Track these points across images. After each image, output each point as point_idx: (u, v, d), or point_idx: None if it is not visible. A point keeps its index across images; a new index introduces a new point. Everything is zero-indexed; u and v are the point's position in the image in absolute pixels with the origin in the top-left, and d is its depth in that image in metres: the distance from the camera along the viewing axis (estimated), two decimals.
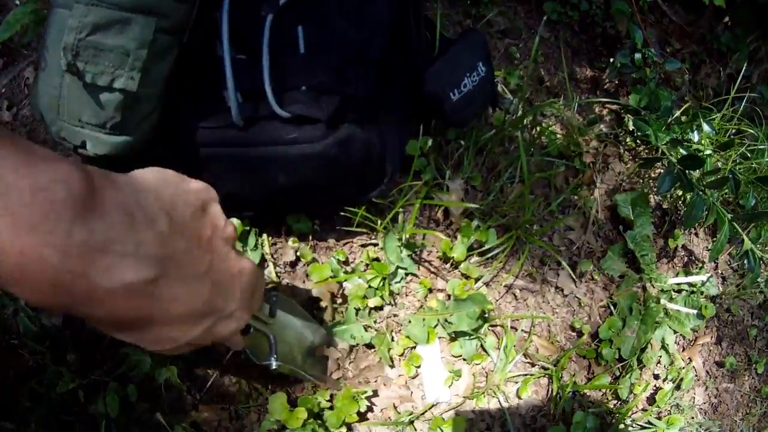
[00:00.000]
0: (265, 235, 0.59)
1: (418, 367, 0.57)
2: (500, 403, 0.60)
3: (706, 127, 0.73)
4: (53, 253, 0.24)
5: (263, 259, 0.58)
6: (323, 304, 0.57)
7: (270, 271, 0.59)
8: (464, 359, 0.59)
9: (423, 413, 0.57)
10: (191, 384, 0.58)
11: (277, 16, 0.49)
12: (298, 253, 0.58)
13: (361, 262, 0.59)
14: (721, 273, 0.80)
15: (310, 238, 0.59)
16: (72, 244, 0.24)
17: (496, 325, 0.61)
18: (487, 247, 0.61)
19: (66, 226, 0.24)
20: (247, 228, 0.58)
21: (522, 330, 0.62)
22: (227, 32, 0.48)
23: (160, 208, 0.30)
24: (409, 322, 0.57)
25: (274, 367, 0.51)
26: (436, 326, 0.58)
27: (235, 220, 0.57)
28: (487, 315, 0.59)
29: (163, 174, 0.33)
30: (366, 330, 0.57)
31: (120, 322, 0.30)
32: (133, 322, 0.31)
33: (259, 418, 0.57)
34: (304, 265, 0.59)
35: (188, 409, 0.57)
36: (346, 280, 0.57)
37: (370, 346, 0.58)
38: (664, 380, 0.71)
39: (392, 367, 0.57)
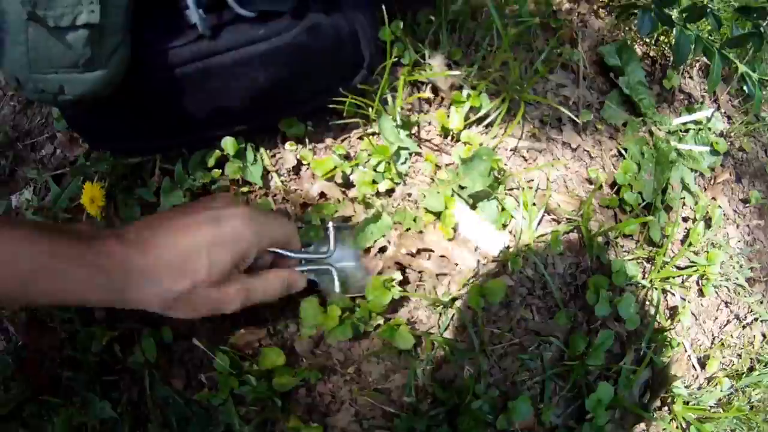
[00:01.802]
0: (262, 149, 0.58)
1: (455, 229, 0.56)
2: (537, 265, 0.59)
3: None
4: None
5: (265, 171, 0.58)
6: (333, 199, 0.57)
7: (275, 182, 0.58)
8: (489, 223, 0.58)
9: (463, 286, 0.56)
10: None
11: None
12: (298, 156, 0.58)
13: (363, 151, 0.58)
14: (725, 112, 0.79)
15: (307, 141, 0.59)
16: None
17: (512, 189, 0.61)
18: (482, 113, 0.60)
19: None
20: (243, 145, 0.57)
21: (538, 188, 0.61)
22: None
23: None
24: (424, 196, 0.56)
25: (340, 295, 0.52)
26: (452, 196, 0.57)
27: (229, 139, 0.57)
28: (500, 176, 0.58)
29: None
30: (382, 216, 0.56)
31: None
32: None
33: (298, 328, 0.56)
34: (307, 168, 0.59)
35: (226, 338, 0.56)
36: (352, 171, 0.57)
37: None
38: (693, 221, 0.70)
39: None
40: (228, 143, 0.56)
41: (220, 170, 0.57)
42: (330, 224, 0.52)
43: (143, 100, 0.53)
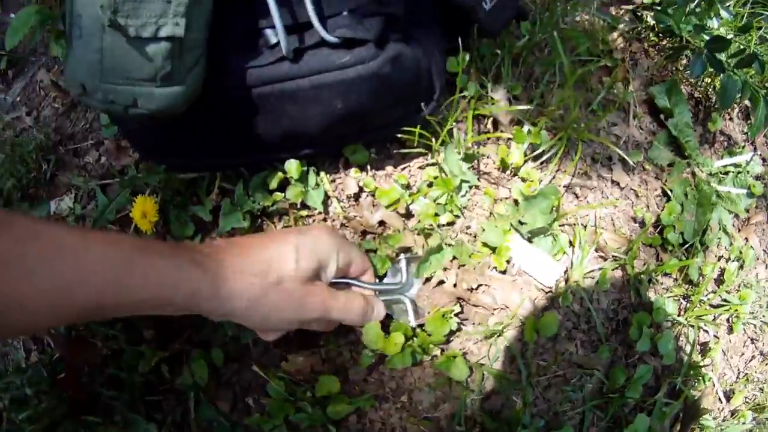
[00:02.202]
0: (322, 173, 0.58)
1: (509, 261, 0.57)
2: (583, 300, 0.61)
3: (724, 13, 0.74)
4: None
5: (326, 196, 0.58)
6: (393, 228, 0.57)
7: (335, 208, 0.58)
8: None
9: (513, 317, 0.57)
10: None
11: None
12: (360, 184, 0.58)
13: (424, 182, 0.58)
14: (761, 154, 0.81)
15: (368, 168, 0.59)
16: None
17: (563, 225, 0.62)
18: (540, 150, 0.61)
19: None
20: (305, 168, 0.57)
21: (590, 225, 0.62)
22: None
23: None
24: (483, 230, 0.57)
25: (414, 326, 0.53)
26: (509, 230, 0.58)
27: (293, 162, 0.56)
28: (555, 214, 0.59)
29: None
30: (443, 247, 0.56)
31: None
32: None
33: (352, 355, 0.57)
34: (367, 195, 0.59)
35: (277, 362, 0.56)
36: (413, 201, 0.57)
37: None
38: (727, 260, 0.72)
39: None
40: (292, 166, 0.56)
41: (282, 193, 0.57)
42: (402, 257, 0.53)
43: (214, 118, 0.52)
